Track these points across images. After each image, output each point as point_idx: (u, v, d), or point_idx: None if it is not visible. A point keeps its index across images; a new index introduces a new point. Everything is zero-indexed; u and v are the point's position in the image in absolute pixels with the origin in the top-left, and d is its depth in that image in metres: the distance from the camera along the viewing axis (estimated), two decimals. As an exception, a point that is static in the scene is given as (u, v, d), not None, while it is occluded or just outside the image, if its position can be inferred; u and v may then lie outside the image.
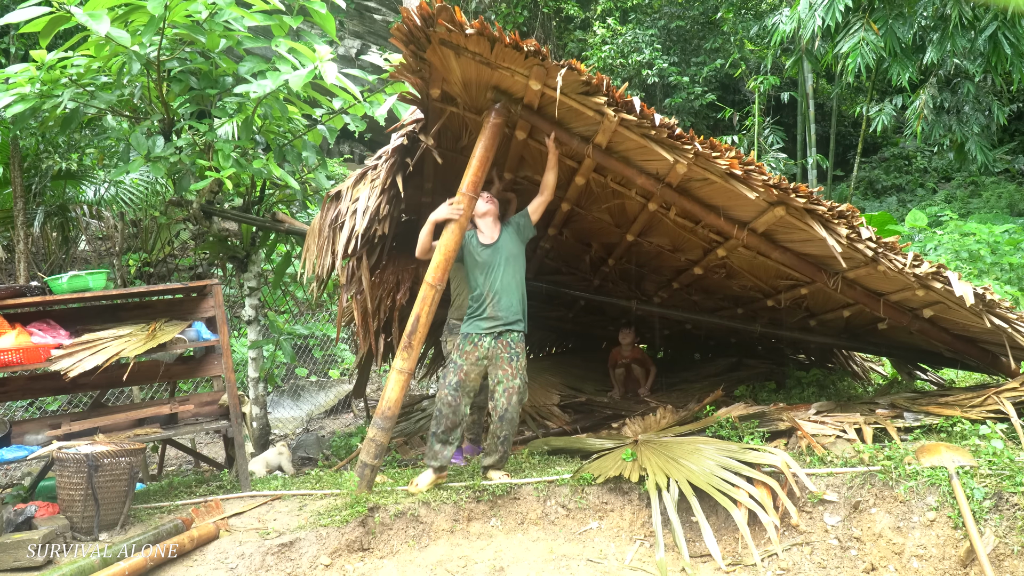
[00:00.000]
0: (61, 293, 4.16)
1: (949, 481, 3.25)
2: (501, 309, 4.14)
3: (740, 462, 3.71)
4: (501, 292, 4.16)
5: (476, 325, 4.19)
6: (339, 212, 4.65)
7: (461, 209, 4.00)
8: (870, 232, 3.71)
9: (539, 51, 3.45)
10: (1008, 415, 3.81)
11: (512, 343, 4.15)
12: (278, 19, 4.71)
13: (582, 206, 5.18)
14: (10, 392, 4.64)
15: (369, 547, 3.64)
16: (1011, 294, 7.93)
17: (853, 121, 17.57)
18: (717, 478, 3.64)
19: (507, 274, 4.19)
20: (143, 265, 9.85)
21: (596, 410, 6.05)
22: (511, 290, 4.19)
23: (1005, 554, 2.94)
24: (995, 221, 11.27)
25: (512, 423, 4.16)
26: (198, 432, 4.77)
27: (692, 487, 3.64)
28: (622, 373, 6.70)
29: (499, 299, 4.15)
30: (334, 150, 16.48)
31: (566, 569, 3.43)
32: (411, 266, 5.28)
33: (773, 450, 3.74)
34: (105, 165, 7.04)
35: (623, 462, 4.03)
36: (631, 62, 15.74)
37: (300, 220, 6.81)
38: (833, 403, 4.66)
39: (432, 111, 4.36)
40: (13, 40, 9.33)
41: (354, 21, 16.30)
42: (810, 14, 10.29)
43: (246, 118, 4.89)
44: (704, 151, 3.61)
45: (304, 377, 9.45)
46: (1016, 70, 9.50)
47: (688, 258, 5.28)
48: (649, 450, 4.13)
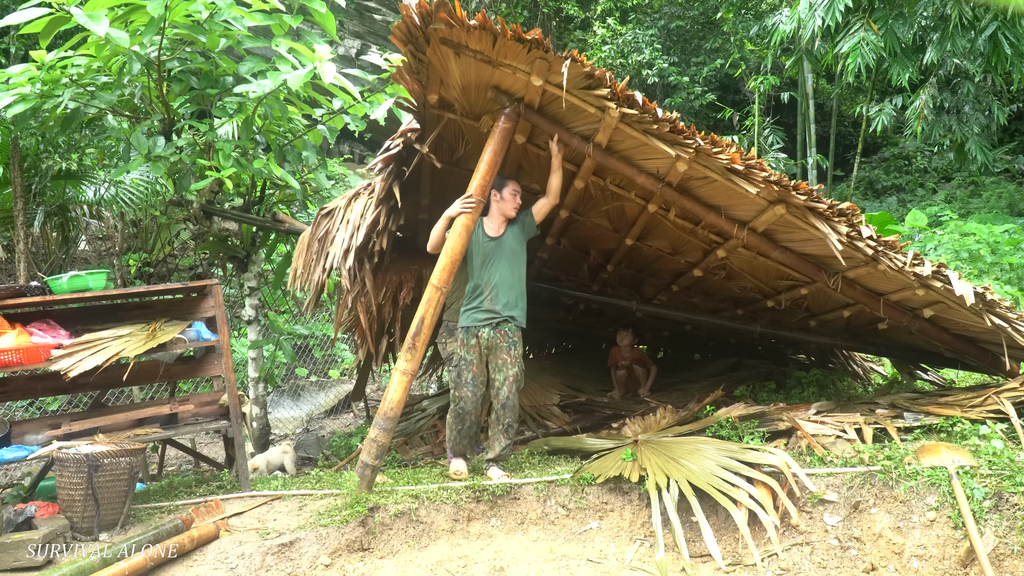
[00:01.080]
0: (61, 293, 4.16)
1: (949, 481, 3.25)
2: (498, 303, 4.25)
3: (740, 462, 3.71)
4: (499, 286, 4.25)
5: (473, 318, 4.30)
6: (328, 230, 4.69)
7: (473, 204, 4.03)
8: (870, 231, 3.71)
9: (541, 42, 3.43)
10: (1008, 415, 3.81)
11: (510, 332, 4.28)
12: (278, 18, 4.71)
13: (580, 212, 5.18)
14: (10, 392, 4.64)
15: (369, 547, 3.64)
16: (1011, 294, 7.93)
17: (853, 121, 17.57)
18: (717, 478, 3.64)
19: (506, 269, 4.27)
20: (143, 265, 9.85)
21: (596, 410, 6.05)
22: (509, 286, 4.27)
23: (1005, 554, 2.94)
24: (995, 221, 11.26)
25: (513, 410, 4.31)
26: (198, 432, 4.77)
27: (692, 487, 3.64)
28: (623, 375, 6.69)
29: (496, 293, 4.25)
30: (334, 150, 16.47)
31: (566, 569, 3.43)
32: (414, 266, 5.29)
33: (773, 450, 3.74)
34: (105, 165, 7.03)
35: (623, 462, 4.03)
36: (631, 62, 15.74)
37: (300, 220, 6.81)
38: (833, 403, 4.66)
39: (429, 119, 4.36)
40: (13, 40, 9.32)
41: (354, 21, 16.29)
42: (810, 14, 10.29)
43: (246, 118, 4.89)
44: (705, 146, 3.61)
45: (304, 377, 9.45)
46: (1016, 70, 9.50)
47: (688, 260, 5.28)
48: (649, 450, 4.13)
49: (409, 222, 5.33)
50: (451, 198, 4.16)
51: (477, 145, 4.45)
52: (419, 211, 5.28)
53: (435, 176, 4.91)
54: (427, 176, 4.87)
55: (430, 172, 4.83)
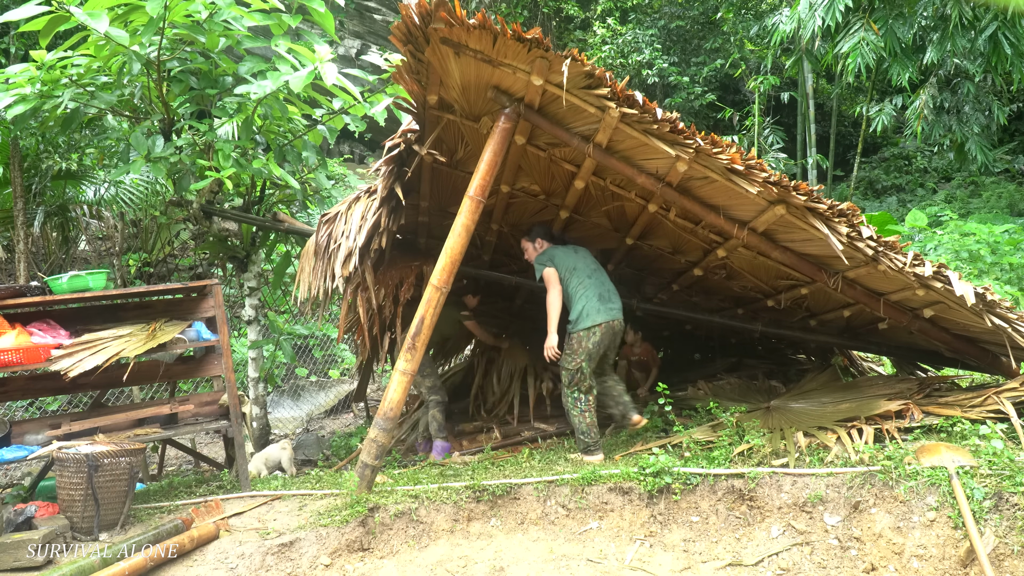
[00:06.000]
0: (61, 293, 4.16)
1: (949, 481, 3.24)
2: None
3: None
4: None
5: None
6: (331, 233, 4.70)
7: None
8: (870, 231, 3.71)
9: (542, 41, 3.42)
10: (1008, 415, 3.81)
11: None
12: (277, 18, 4.71)
13: (580, 212, 5.18)
14: (10, 392, 4.64)
15: (369, 547, 3.64)
16: (1011, 294, 7.93)
17: (853, 121, 17.58)
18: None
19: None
20: (143, 265, 9.85)
21: (596, 409, 6.03)
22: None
23: (1005, 554, 2.94)
24: (995, 221, 11.26)
25: (565, 408, 4.69)
26: (198, 432, 4.77)
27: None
28: (625, 366, 6.72)
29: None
30: (334, 150, 16.48)
31: (566, 569, 3.43)
32: (415, 264, 5.28)
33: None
34: (105, 165, 7.04)
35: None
36: (631, 62, 15.74)
37: (300, 220, 6.81)
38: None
39: (428, 120, 4.35)
40: (13, 40, 9.33)
41: (354, 21, 16.30)
42: (810, 14, 10.29)
43: (246, 118, 4.89)
44: (705, 146, 3.60)
45: (304, 377, 9.44)
46: (1016, 70, 9.51)
47: (688, 260, 5.28)
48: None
49: (409, 224, 5.33)
50: (451, 200, 4.15)
51: (477, 147, 4.45)
52: (419, 213, 5.28)
53: (434, 179, 4.91)
54: (427, 179, 4.86)
55: (429, 175, 4.83)
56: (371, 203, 4.67)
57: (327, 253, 4.75)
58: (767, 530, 3.44)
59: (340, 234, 4.69)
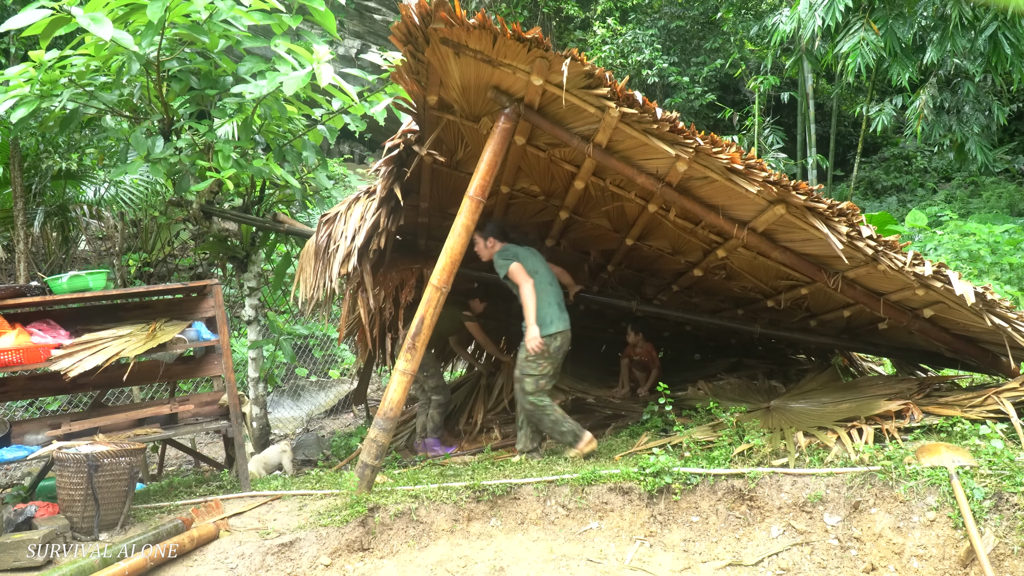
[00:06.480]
0: (61, 293, 4.16)
1: (949, 481, 3.24)
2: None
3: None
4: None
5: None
6: (330, 234, 4.70)
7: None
8: (870, 231, 3.71)
9: (541, 41, 3.42)
10: (1008, 415, 3.81)
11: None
12: (277, 18, 4.71)
13: (580, 213, 5.18)
14: (10, 392, 4.64)
15: (369, 547, 3.64)
16: (1011, 294, 7.93)
17: (853, 121, 17.58)
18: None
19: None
20: (143, 265, 9.85)
21: (596, 410, 6.04)
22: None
23: (1005, 554, 2.94)
24: (995, 221, 11.27)
25: (522, 407, 4.62)
26: (198, 432, 4.77)
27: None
28: (627, 366, 6.73)
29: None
30: (334, 150, 16.48)
31: (566, 569, 3.43)
32: (415, 266, 5.29)
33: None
34: (105, 165, 7.04)
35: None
36: (631, 62, 15.74)
37: (300, 220, 6.82)
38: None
39: (428, 121, 4.35)
40: (13, 41, 9.32)
41: (354, 21, 16.30)
42: (810, 14, 10.29)
43: (246, 118, 4.89)
44: (705, 146, 3.60)
45: (304, 377, 9.44)
46: (1016, 70, 9.51)
47: (688, 260, 5.28)
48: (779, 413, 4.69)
49: (409, 225, 5.33)
50: (451, 201, 4.16)
51: (476, 148, 4.45)
52: (418, 214, 5.28)
53: (434, 179, 4.91)
54: (426, 179, 4.86)
55: (429, 175, 4.83)
56: (370, 204, 4.68)
57: (327, 254, 4.76)
58: (767, 530, 3.45)
59: (339, 235, 4.69)
